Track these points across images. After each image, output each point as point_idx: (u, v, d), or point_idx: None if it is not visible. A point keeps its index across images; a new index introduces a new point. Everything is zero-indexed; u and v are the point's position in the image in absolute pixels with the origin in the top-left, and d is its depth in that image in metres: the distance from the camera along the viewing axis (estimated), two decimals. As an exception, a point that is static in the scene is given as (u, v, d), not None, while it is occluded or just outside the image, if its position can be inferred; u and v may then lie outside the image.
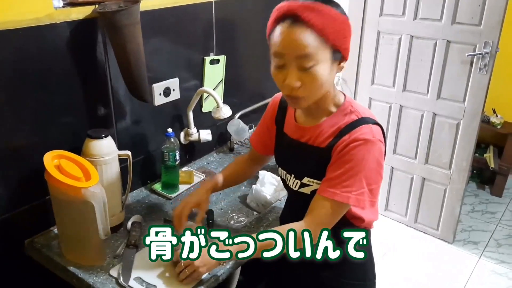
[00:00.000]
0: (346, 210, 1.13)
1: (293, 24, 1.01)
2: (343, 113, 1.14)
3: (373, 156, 1.07)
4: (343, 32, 1.04)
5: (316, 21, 1.00)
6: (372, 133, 1.08)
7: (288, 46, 1.02)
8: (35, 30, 1.22)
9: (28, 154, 1.31)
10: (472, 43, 2.46)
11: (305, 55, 1.02)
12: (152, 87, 1.58)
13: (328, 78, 1.07)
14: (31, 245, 1.35)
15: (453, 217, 2.83)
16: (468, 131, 2.60)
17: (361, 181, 1.07)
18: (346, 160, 1.07)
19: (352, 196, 1.07)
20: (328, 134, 1.13)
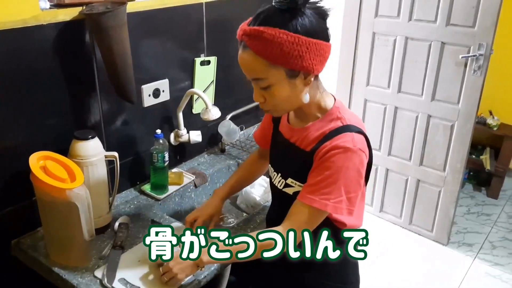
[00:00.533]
0: (324, 217, 1.13)
1: (243, 49, 1.05)
2: (329, 118, 1.14)
3: (353, 164, 1.07)
4: (295, 52, 1.01)
5: (260, 47, 1.01)
6: (353, 141, 1.08)
7: (243, 69, 1.08)
8: (21, 31, 1.22)
9: (15, 154, 1.31)
10: (466, 44, 2.45)
11: (256, 78, 1.06)
12: (141, 88, 1.58)
13: (290, 94, 1.08)
14: (18, 246, 1.36)
15: (447, 219, 2.83)
16: (463, 132, 2.60)
17: (340, 189, 1.07)
18: (326, 167, 1.07)
19: (330, 204, 1.07)
20: (313, 138, 1.14)
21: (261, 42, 1.00)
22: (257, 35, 1.01)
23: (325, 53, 1.07)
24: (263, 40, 1.00)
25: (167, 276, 1.17)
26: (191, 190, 1.75)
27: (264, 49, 1.01)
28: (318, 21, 1.04)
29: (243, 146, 2.01)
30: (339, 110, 1.15)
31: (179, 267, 1.16)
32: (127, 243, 1.38)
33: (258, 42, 1.01)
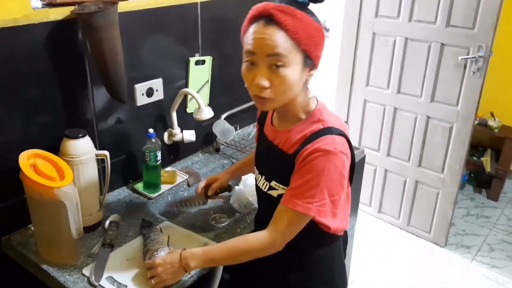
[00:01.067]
0: (308, 220, 1.13)
1: (267, 24, 1.03)
2: (311, 120, 1.14)
3: (335, 167, 1.07)
4: (316, 39, 1.05)
5: (289, 23, 1.01)
6: (333, 144, 1.07)
7: (260, 45, 1.03)
8: (12, 30, 1.22)
9: (6, 151, 1.32)
10: (466, 46, 2.44)
11: (275, 54, 1.03)
12: (134, 87, 1.59)
13: (297, 82, 1.08)
14: (8, 243, 1.37)
15: (445, 220, 2.82)
16: (461, 134, 2.59)
17: (323, 192, 1.07)
18: (307, 170, 1.07)
19: (313, 207, 1.07)
20: (295, 140, 1.14)
21: (293, 19, 1.02)
22: (291, 13, 1.02)
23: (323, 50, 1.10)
24: (294, 17, 1.02)
25: (155, 281, 1.17)
26: (184, 189, 1.75)
27: (295, 26, 1.02)
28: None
29: (238, 145, 2.01)
30: (321, 112, 1.15)
31: (167, 272, 1.17)
32: (116, 241, 1.38)
33: (290, 18, 1.01)
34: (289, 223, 1.11)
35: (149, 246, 1.28)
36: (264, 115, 1.32)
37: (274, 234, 1.13)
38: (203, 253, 1.18)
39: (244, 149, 1.99)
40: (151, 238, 1.32)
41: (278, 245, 1.13)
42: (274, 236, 1.12)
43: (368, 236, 2.94)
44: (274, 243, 1.13)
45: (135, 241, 1.39)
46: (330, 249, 1.26)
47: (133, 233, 1.43)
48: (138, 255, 1.33)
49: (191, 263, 1.17)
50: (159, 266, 1.17)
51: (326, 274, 1.27)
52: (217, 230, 1.48)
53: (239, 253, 1.17)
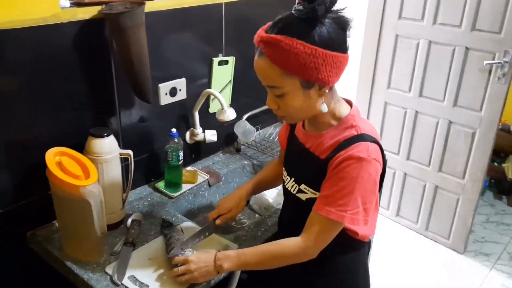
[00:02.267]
0: (341, 228, 1.13)
1: (259, 55, 1.05)
2: (344, 126, 1.13)
3: (368, 175, 1.06)
4: (311, 64, 1.00)
5: (276, 56, 1.01)
6: (367, 151, 1.06)
7: (258, 75, 1.08)
8: (41, 29, 1.24)
9: (33, 148, 1.33)
10: (491, 51, 2.39)
11: (269, 86, 1.06)
12: (158, 87, 1.59)
13: (304, 104, 1.07)
14: (33, 238, 1.39)
15: (465, 227, 2.78)
16: (484, 140, 2.54)
17: (357, 200, 1.06)
18: (341, 178, 1.07)
19: (347, 215, 1.07)
20: (328, 145, 1.13)
21: (278, 50, 1.00)
22: (274, 44, 1.00)
23: (342, 65, 1.05)
24: (279, 49, 0.99)
25: (186, 278, 1.18)
26: (205, 189, 1.76)
27: (280, 58, 1.00)
28: (337, 32, 1.02)
29: (259, 146, 2.01)
30: (354, 118, 1.14)
31: (200, 271, 1.17)
32: (138, 240, 1.39)
33: (274, 50, 1.00)
34: (322, 231, 1.11)
35: (173, 246, 1.29)
36: None
37: (308, 241, 1.12)
38: (236, 256, 1.18)
39: (265, 150, 1.98)
40: (174, 238, 1.33)
41: (312, 253, 1.13)
42: (308, 244, 1.12)
43: (385, 240, 2.91)
44: (308, 251, 1.13)
45: (157, 241, 1.40)
46: (356, 255, 1.26)
47: (155, 233, 1.44)
48: (160, 254, 1.33)
49: (224, 264, 1.17)
50: (192, 263, 1.18)
51: (350, 280, 1.26)
52: (237, 232, 1.49)
53: (272, 259, 1.17)
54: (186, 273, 1.18)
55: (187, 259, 1.19)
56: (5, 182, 1.32)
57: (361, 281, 1.30)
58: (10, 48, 1.20)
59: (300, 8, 1.00)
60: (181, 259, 1.20)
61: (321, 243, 1.13)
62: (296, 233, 1.17)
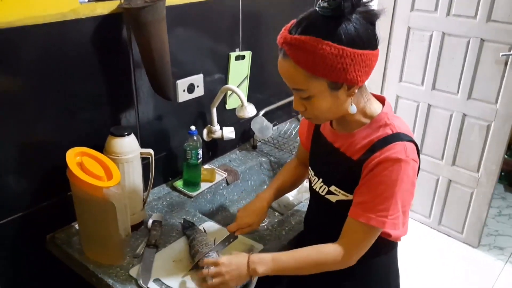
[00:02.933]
0: (380, 233, 1.08)
1: (284, 57, 0.99)
2: (377, 124, 1.07)
3: (407, 176, 1.01)
4: (339, 65, 0.94)
5: (301, 58, 0.95)
6: (405, 151, 1.01)
7: (284, 77, 1.03)
8: (59, 25, 1.20)
9: (51, 149, 1.30)
10: (507, 42, 2.35)
11: (295, 89, 1.01)
12: (176, 83, 1.55)
13: (332, 106, 1.02)
14: (52, 241, 1.35)
15: (479, 221, 2.75)
16: (500, 134, 2.51)
17: (397, 204, 1.02)
18: (379, 182, 1.01)
19: (388, 220, 1.02)
20: (360, 145, 1.07)
21: (303, 52, 0.94)
22: (299, 45, 0.94)
23: (372, 62, 0.99)
24: (304, 51, 0.94)
25: (216, 281, 1.10)
26: (223, 187, 1.72)
27: (306, 60, 0.95)
28: (365, 28, 0.96)
29: (275, 143, 1.97)
30: (387, 116, 1.08)
31: (232, 274, 1.10)
32: (161, 241, 1.36)
33: (299, 52, 0.95)
34: (363, 238, 1.07)
35: (198, 247, 1.25)
36: None
37: (348, 249, 1.08)
38: (272, 260, 1.11)
39: (282, 146, 1.94)
40: (198, 239, 1.29)
41: (352, 260, 1.08)
42: (349, 252, 1.07)
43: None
44: (348, 258, 1.08)
45: (179, 242, 1.36)
46: (387, 256, 1.22)
47: (176, 233, 1.41)
48: (184, 256, 1.30)
49: (259, 268, 1.10)
50: (223, 266, 1.10)
51: (382, 282, 1.23)
52: (260, 232, 1.44)
53: (311, 265, 1.11)
54: (216, 276, 1.11)
55: (218, 261, 1.13)
56: (24, 185, 1.28)
57: (393, 282, 1.27)
58: (28, 46, 1.16)
59: (325, 5, 0.94)
60: (211, 261, 1.13)
61: (362, 251, 1.09)
62: (326, 235, 1.12)
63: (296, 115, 2.23)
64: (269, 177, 1.89)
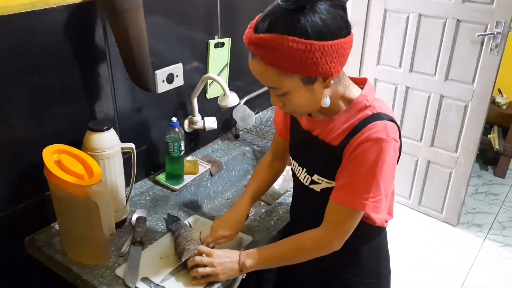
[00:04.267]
0: (362, 215, 1.07)
1: (252, 57, 0.95)
2: (356, 108, 1.04)
3: (389, 156, 0.98)
4: (308, 60, 0.89)
5: (269, 57, 0.90)
6: (386, 131, 0.98)
7: (256, 76, 0.98)
8: (29, 15, 1.12)
9: (25, 147, 1.23)
10: (483, 22, 2.37)
11: (271, 87, 0.98)
12: (155, 73, 1.49)
13: (310, 98, 0.98)
14: (32, 243, 1.29)
15: (458, 200, 2.80)
16: (477, 113, 2.54)
17: (378, 186, 0.99)
18: (360, 163, 0.99)
19: (369, 203, 1.00)
20: (340, 130, 1.04)
21: (269, 51, 0.89)
22: (264, 45, 0.89)
23: (344, 50, 0.93)
24: (271, 49, 0.89)
25: (208, 271, 1.10)
26: (207, 179, 1.68)
27: (273, 59, 0.90)
28: (333, 16, 0.90)
29: (258, 131, 1.93)
30: (367, 98, 1.04)
31: (224, 266, 1.11)
32: (146, 238, 1.31)
33: (266, 51, 0.90)
34: (344, 222, 1.05)
35: (184, 245, 1.21)
36: None
37: (331, 234, 1.07)
38: (258, 252, 1.13)
39: (265, 134, 1.91)
40: (183, 235, 1.25)
41: (336, 245, 1.07)
42: (331, 236, 1.07)
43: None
44: (331, 243, 1.07)
45: (166, 238, 1.32)
46: (376, 242, 1.21)
47: (162, 229, 1.37)
48: (171, 252, 1.26)
49: (247, 262, 1.11)
50: (217, 257, 1.11)
51: (373, 268, 1.22)
52: (248, 223, 1.41)
53: (294, 252, 1.11)
54: (208, 266, 1.11)
55: (212, 252, 1.12)
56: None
57: (383, 266, 1.26)
58: (-4, 38, 1.08)
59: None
60: (206, 250, 1.13)
61: (344, 234, 1.07)
62: (312, 224, 1.10)
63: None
64: (253, 166, 1.86)
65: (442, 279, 2.49)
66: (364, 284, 1.22)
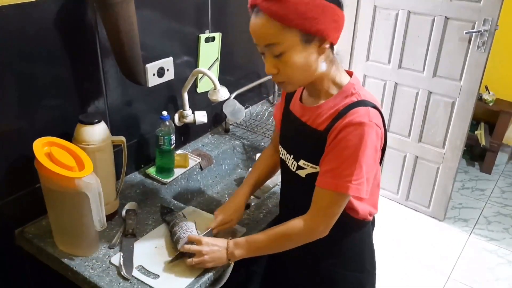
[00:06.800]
0: (348, 200, 1.09)
1: (256, 14, 1.00)
2: (343, 95, 1.08)
3: (371, 140, 1.01)
4: (310, 13, 0.96)
5: (274, 9, 0.96)
6: (368, 115, 1.02)
7: (256, 36, 1.03)
8: (19, 7, 1.12)
9: (15, 139, 1.23)
10: (471, 20, 2.40)
11: (271, 44, 1.01)
12: (146, 67, 1.49)
13: (306, 62, 1.03)
14: (22, 235, 1.29)
15: (445, 195, 2.84)
16: (464, 110, 2.58)
17: (361, 169, 1.02)
18: (343, 147, 1.02)
19: (352, 185, 1.02)
20: (326, 116, 1.08)
21: (275, 3, 0.96)
22: None
23: (340, 19, 1.02)
24: (277, 1, 0.95)
25: (196, 261, 1.14)
26: (197, 172, 1.69)
27: (278, 10, 0.95)
28: None
29: (248, 125, 1.94)
30: (354, 87, 1.08)
31: (212, 254, 1.14)
32: (137, 230, 1.32)
33: (272, 3, 0.96)
34: (329, 206, 1.07)
35: (180, 234, 1.22)
36: (292, 93, 1.25)
37: (316, 219, 1.09)
38: (246, 242, 1.15)
39: (255, 129, 1.92)
40: (179, 225, 1.26)
41: (322, 230, 1.09)
42: (318, 222, 1.09)
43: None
44: (317, 229, 1.09)
45: (160, 229, 1.34)
46: (359, 235, 1.23)
47: (153, 221, 1.38)
48: (167, 241, 1.28)
49: (236, 251, 1.14)
50: (206, 245, 1.14)
51: (356, 261, 1.24)
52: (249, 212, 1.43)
53: (281, 239, 1.13)
54: (196, 255, 1.14)
55: (201, 240, 1.15)
56: (-12, 179, 1.21)
57: (367, 260, 1.28)
58: (-14, 30, 1.08)
59: None
60: (196, 238, 1.16)
61: (330, 219, 1.09)
62: (299, 211, 1.13)
63: (268, 97, 2.21)
64: (242, 160, 1.88)
65: (429, 272, 2.53)
66: (347, 277, 1.25)
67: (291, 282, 1.33)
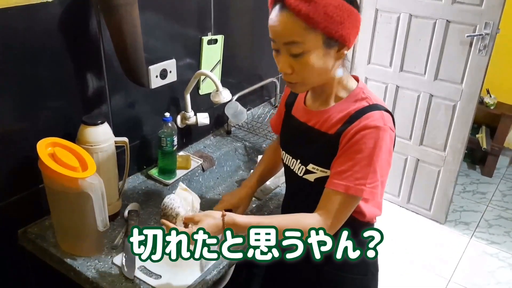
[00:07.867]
0: (358, 203, 1.09)
1: (281, 10, 0.98)
2: (353, 99, 1.09)
3: (385, 144, 1.02)
4: (337, 17, 0.96)
5: (302, 7, 0.95)
6: (383, 119, 1.03)
7: (276, 32, 1.01)
8: (24, 9, 1.13)
9: (19, 140, 1.24)
10: (472, 23, 2.41)
11: (291, 42, 1.00)
12: (149, 69, 1.50)
13: (322, 65, 1.02)
14: (25, 235, 1.30)
15: (446, 198, 2.84)
16: (465, 113, 2.58)
17: (375, 173, 1.02)
18: (357, 150, 1.02)
19: (367, 189, 1.02)
20: (336, 119, 1.08)
21: (305, 2, 0.94)
22: None
23: (358, 24, 1.02)
24: (307, 0, 0.94)
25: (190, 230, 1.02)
26: (199, 174, 1.70)
27: (307, 10, 0.94)
28: None
29: (250, 127, 1.95)
30: (363, 91, 1.09)
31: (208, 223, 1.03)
32: (139, 231, 1.33)
33: (301, 2, 0.95)
34: (341, 208, 1.05)
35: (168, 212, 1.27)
36: (293, 97, 1.26)
37: (326, 219, 1.05)
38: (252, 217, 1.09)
39: (256, 131, 1.93)
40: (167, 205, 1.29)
41: (331, 232, 1.07)
42: (327, 222, 1.05)
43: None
44: (327, 230, 1.06)
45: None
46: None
47: (154, 222, 1.38)
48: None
49: (237, 218, 1.05)
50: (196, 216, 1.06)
51: (360, 264, 1.23)
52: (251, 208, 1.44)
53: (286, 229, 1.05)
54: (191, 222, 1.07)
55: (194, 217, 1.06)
56: (-8, 179, 1.22)
57: (371, 263, 1.27)
58: (-10, 32, 1.09)
59: None
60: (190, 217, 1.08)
61: (340, 221, 1.08)
62: None
63: (269, 99, 2.22)
64: (244, 162, 1.88)
65: (430, 275, 2.53)
66: (351, 280, 1.24)
67: (293, 284, 1.33)
